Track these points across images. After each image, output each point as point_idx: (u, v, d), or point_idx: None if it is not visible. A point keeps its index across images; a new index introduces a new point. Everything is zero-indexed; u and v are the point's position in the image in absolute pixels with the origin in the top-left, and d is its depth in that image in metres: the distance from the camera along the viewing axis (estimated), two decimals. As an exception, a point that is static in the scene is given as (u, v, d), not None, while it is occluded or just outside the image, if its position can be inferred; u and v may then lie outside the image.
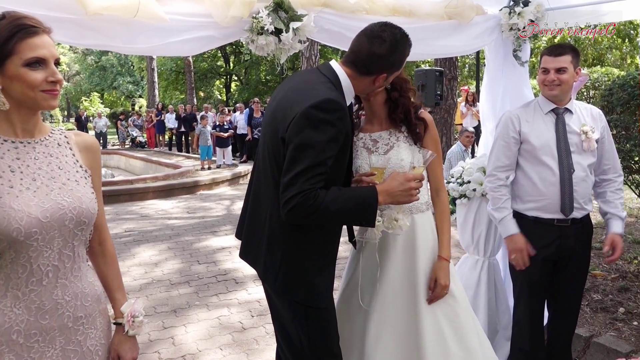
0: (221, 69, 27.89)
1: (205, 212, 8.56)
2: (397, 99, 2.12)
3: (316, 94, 1.76)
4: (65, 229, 1.43)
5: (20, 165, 1.41)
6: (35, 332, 1.40)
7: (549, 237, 2.56)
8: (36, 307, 1.40)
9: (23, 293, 1.38)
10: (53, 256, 1.42)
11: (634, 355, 2.97)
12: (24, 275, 1.38)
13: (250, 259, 2.03)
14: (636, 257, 4.67)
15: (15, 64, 1.33)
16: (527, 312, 2.68)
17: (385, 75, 1.90)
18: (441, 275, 2.11)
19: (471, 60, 21.40)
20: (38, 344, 1.41)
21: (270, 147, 1.87)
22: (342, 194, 1.78)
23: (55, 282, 1.43)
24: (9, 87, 1.35)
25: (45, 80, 1.36)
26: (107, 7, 2.05)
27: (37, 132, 1.47)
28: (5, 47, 1.33)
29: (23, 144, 1.43)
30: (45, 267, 1.41)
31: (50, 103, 1.39)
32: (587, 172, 2.54)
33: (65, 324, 1.45)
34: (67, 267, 1.46)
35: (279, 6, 2.46)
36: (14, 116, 1.40)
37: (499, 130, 2.69)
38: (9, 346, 1.37)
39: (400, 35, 1.88)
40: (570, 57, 2.50)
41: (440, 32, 3.07)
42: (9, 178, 1.37)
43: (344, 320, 2.23)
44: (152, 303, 4.50)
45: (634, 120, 4.05)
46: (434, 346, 2.06)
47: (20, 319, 1.38)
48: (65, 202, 1.43)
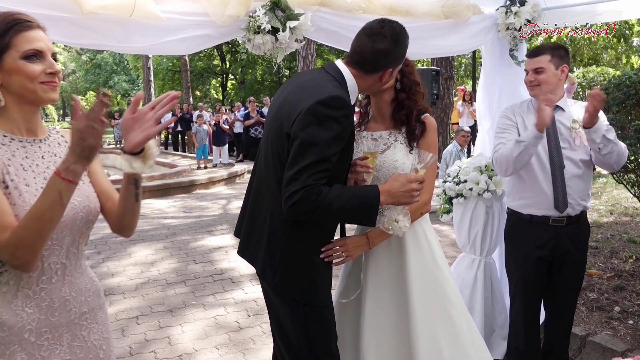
0: (217, 68, 27.86)
1: (202, 212, 8.54)
2: (404, 100, 2.13)
3: (323, 91, 1.77)
4: (75, 228, 1.46)
5: (31, 164, 1.42)
6: (46, 330, 1.42)
7: (544, 237, 2.56)
8: (46, 305, 1.42)
9: (34, 292, 1.40)
10: (62, 254, 1.45)
11: (629, 354, 2.98)
12: (35, 274, 1.40)
13: (249, 256, 2.02)
14: (632, 256, 4.69)
15: (12, 57, 1.34)
16: (522, 311, 2.69)
17: (391, 70, 1.92)
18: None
19: (467, 59, 21.44)
20: (48, 342, 1.42)
21: (274, 142, 1.87)
22: (345, 192, 1.79)
23: (62, 279, 1.46)
24: (8, 82, 1.36)
25: (43, 72, 1.37)
26: (102, 7, 2.05)
27: (39, 131, 1.48)
28: (2, 41, 1.33)
29: (30, 142, 1.44)
30: (55, 265, 1.43)
31: (50, 95, 1.40)
32: (580, 168, 2.54)
33: (72, 320, 1.48)
34: (72, 264, 1.49)
35: (275, 5, 2.45)
36: (17, 114, 1.41)
37: (498, 122, 2.72)
38: (21, 345, 1.38)
39: (399, 28, 1.90)
40: (548, 56, 2.52)
41: (437, 32, 3.08)
42: (23, 176, 1.38)
43: (339, 318, 2.23)
44: (148, 302, 4.48)
45: (630, 119, 4.06)
46: (427, 349, 2.06)
47: (31, 318, 1.39)
48: (75, 202, 1.44)
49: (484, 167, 3.30)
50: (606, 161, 2.49)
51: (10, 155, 1.38)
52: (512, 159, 2.43)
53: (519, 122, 2.62)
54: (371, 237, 2.09)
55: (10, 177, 1.35)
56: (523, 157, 2.43)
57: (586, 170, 2.58)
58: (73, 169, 1.25)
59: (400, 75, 2.13)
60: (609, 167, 2.56)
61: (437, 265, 2.17)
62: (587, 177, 2.59)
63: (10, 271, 1.37)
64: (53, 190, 1.25)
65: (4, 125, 1.40)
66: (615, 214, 6.53)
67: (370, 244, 2.10)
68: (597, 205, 7.03)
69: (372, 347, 2.12)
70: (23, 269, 1.32)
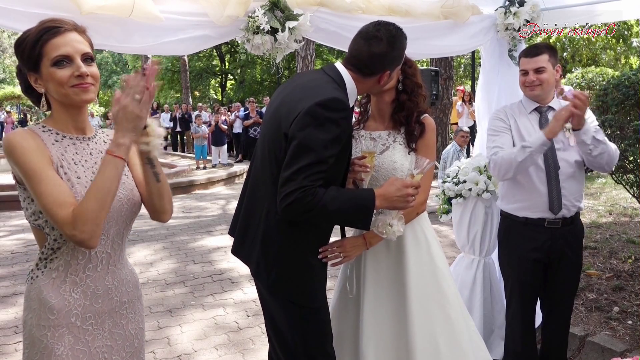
0: (217, 68, 27.85)
1: (201, 212, 8.54)
2: (405, 101, 2.13)
3: (323, 93, 1.78)
4: (121, 219, 1.57)
5: (80, 159, 1.52)
6: (90, 316, 1.52)
7: (539, 239, 2.55)
8: (91, 292, 1.52)
9: (80, 279, 1.51)
10: (108, 244, 1.55)
11: (628, 354, 2.98)
12: (83, 262, 1.51)
13: (243, 255, 2.01)
14: (631, 256, 4.69)
15: (45, 65, 1.44)
16: (519, 314, 2.68)
17: (389, 72, 1.92)
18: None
19: (467, 60, 21.46)
20: (92, 327, 1.53)
21: (270, 143, 1.87)
22: (340, 194, 1.78)
23: (106, 268, 1.56)
24: (48, 88, 1.46)
25: (72, 76, 1.44)
26: (101, 7, 2.04)
27: (87, 130, 1.59)
28: (35, 51, 1.43)
29: (79, 140, 1.55)
30: (100, 255, 1.54)
31: (82, 97, 1.47)
32: (574, 169, 2.53)
33: (113, 308, 1.58)
34: (116, 254, 1.60)
35: (275, 5, 2.45)
36: (64, 116, 1.52)
37: (489, 124, 2.70)
38: (68, 328, 1.48)
39: (395, 30, 1.89)
40: (547, 56, 2.52)
41: (436, 32, 3.08)
42: (75, 170, 1.49)
43: (338, 319, 2.23)
44: (147, 303, 4.47)
45: (629, 120, 4.07)
46: (425, 347, 2.06)
47: (78, 303, 1.50)
48: (121, 195, 1.55)
49: (483, 168, 3.30)
50: (597, 162, 2.47)
51: (63, 150, 1.49)
52: (515, 164, 2.40)
53: (512, 125, 2.60)
54: (368, 237, 2.09)
55: (64, 170, 1.46)
56: (526, 163, 2.41)
57: (579, 171, 2.57)
58: (122, 142, 1.38)
59: (402, 77, 2.13)
60: (601, 168, 2.54)
61: (435, 265, 2.17)
62: (580, 177, 2.59)
63: (60, 257, 1.49)
64: (109, 165, 1.38)
65: (56, 124, 1.52)
66: (614, 214, 6.53)
67: (368, 244, 2.10)
68: (596, 205, 7.03)
69: (372, 346, 2.12)
70: (89, 243, 1.38)
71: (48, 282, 1.48)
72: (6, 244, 6.59)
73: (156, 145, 1.52)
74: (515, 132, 2.59)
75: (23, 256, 5.95)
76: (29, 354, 1.49)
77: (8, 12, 1.93)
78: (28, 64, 1.46)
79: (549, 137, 2.32)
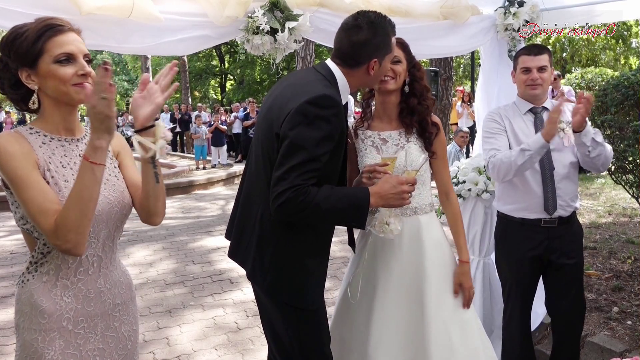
0: (216, 68, 27.85)
1: (200, 212, 8.54)
2: (415, 106, 2.12)
3: (312, 90, 1.75)
4: (111, 222, 1.55)
5: (69, 162, 1.49)
6: (82, 319, 1.51)
7: (536, 239, 2.55)
8: (83, 296, 1.51)
9: (71, 282, 1.49)
10: (98, 247, 1.54)
11: (628, 354, 2.98)
12: (74, 266, 1.49)
13: (240, 258, 1.99)
14: (630, 256, 4.70)
15: (46, 62, 1.41)
16: (516, 316, 2.67)
17: (377, 61, 1.87)
18: (464, 279, 2.16)
19: (466, 60, 21.47)
20: (84, 330, 1.51)
21: (263, 143, 1.85)
22: (334, 193, 1.75)
23: (98, 271, 1.55)
24: (44, 85, 1.44)
25: (75, 74, 1.43)
26: (101, 7, 2.04)
27: (77, 131, 1.56)
28: (35, 47, 1.40)
29: (68, 141, 1.52)
30: (91, 258, 1.52)
31: (82, 96, 1.46)
32: (568, 169, 2.53)
33: (106, 311, 1.57)
34: (107, 257, 1.58)
35: (274, 6, 2.45)
36: (55, 116, 1.49)
37: (484, 126, 2.68)
38: (59, 332, 1.47)
39: (375, 17, 1.86)
40: (547, 56, 2.53)
41: (436, 32, 3.08)
42: (62, 173, 1.46)
43: (345, 320, 2.21)
44: (146, 303, 4.48)
45: (628, 120, 4.07)
46: (440, 345, 2.05)
47: (69, 307, 1.48)
48: (111, 197, 1.54)
49: (483, 168, 3.30)
50: (594, 163, 2.47)
51: (51, 153, 1.46)
52: (515, 167, 2.39)
53: (507, 126, 2.59)
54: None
55: (51, 174, 1.43)
56: (526, 166, 2.40)
57: (574, 171, 2.57)
58: (98, 145, 1.33)
59: (410, 79, 2.13)
60: (596, 169, 2.54)
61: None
62: (575, 178, 2.59)
63: (50, 262, 1.47)
64: (87, 172, 1.33)
65: (44, 125, 1.49)
66: (613, 215, 6.53)
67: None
68: (595, 205, 7.03)
69: (381, 351, 2.09)
70: (74, 251, 1.37)
71: (39, 285, 1.47)
72: (6, 244, 6.59)
73: (161, 146, 1.49)
74: (510, 134, 2.58)
75: (23, 256, 5.94)
76: (19, 357, 1.48)
77: (8, 12, 1.92)
78: (24, 60, 1.41)
79: (547, 139, 2.31)
